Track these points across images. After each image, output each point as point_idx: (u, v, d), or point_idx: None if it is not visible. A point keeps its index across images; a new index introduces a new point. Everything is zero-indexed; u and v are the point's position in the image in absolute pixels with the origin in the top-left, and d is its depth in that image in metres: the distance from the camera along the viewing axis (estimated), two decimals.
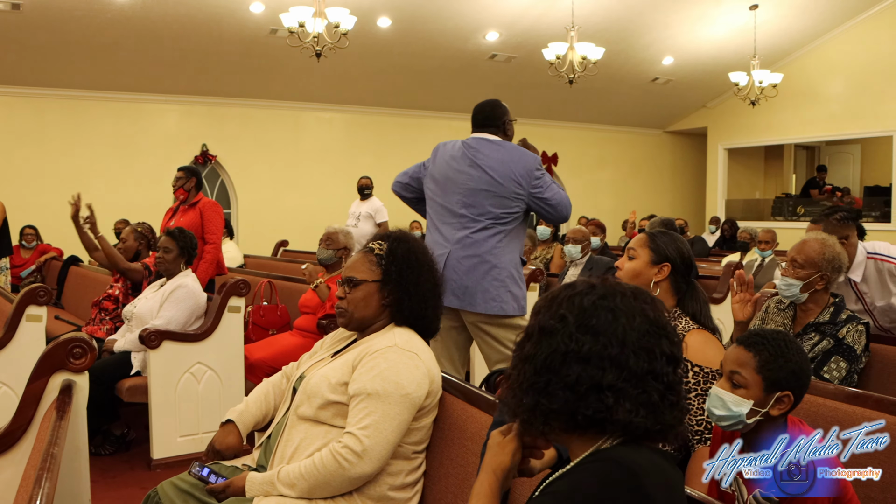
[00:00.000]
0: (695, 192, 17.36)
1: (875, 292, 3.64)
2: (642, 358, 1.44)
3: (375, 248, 2.49)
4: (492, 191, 3.81)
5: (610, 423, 1.43)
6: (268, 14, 10.08)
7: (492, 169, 3.81)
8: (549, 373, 1.46)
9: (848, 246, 3.56)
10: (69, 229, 5.90)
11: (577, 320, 1.46)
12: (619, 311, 1.47)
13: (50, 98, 11.09)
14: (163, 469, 4.42)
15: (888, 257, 3.58)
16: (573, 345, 1.44)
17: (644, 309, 1.49)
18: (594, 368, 1.42)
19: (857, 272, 3.63)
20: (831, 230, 3.53)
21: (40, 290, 4.36)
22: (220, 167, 12.59)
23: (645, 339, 1.45)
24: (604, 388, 1.42)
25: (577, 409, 1.43)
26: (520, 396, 1.50)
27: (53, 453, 1.84)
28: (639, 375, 1.43)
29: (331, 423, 2.30)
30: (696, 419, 2.34)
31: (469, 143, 3.94)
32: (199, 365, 4.65)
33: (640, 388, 1.43)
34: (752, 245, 8.43)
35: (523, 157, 3.88)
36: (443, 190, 3.94)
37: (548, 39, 10.77)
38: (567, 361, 1.44)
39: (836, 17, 13.26)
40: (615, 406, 1.41)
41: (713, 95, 15.51)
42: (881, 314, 3.69)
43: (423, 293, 2.48)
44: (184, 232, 4.89)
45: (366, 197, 9.48)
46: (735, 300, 3.20)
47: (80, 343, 2.61)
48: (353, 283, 2.45)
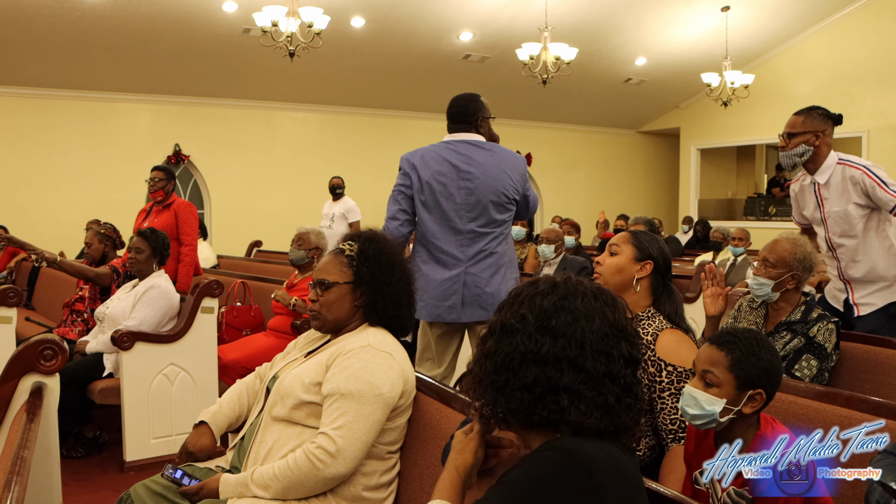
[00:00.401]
0: (668, 191, 17.49)
1: (834, 196, 3.66)
2: (600, 361, 1.46)
3: (346, 250, 2.48)
4: (494, 200, 3.77)
5: (563, 424, 1.45)
6: (240, 13, 10.03)
7: (489, 177, 3.75)
8: (507, 372, 1.48)
9: (822, 143, 3.64)
10: (41, 230, 5.85)
11: (536, 321, 1.48)
12: (579, 312, 1.49)
13: (19, 97, 10.97)
14: (136, 471, 4.38)
15: (858, 164, 3.62)
16: (532, 346, 1.46)
17: (604, 311, 1.51)
18: (552, 370, 1.44)
19: (824, 175, 3.67)
20: (811, 123, 3.63)
21: (10, 292, 4.31)
22: (193, 167, 12.51)
23: (604, 341, 1.47)
24: (560, 389, 1.44)
25: (533, 409, 1.46)
26: (480, 392, 1.53)
27: (23, 456, 1.82)
28: (596, 378, 1.45)
29: (304, 423, 2.30)
30: (671, 418, 2.36)
31: (456, 149, 3.81)
32: (172, 366, 4.61)
33: (597, 390, 1.45)
34: (725, 245, 8.53)
35: (515, 160, 3.87)
36: (441, 208, 3.78)
37: (521, 40, 10.81)
38: (525, 362, 1.46)
39: (806, 19, 13.41)
40: (569, 408, 1.44)
41: (686, 96, 15.63)
42: (834, 222, 3.69)
43: (397, 293, 2.47)
44: (156, 232, 4.86)
45: (338, 197, 9.45)
46: (706, 294, 3.22)
47: (50, 345, 2.58)
48: (324, 285, 2.44)
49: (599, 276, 2.64)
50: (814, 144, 3.63)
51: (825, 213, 3.71)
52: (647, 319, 2.55)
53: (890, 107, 12.95)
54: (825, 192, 3.69)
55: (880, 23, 12.87)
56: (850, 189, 3.59)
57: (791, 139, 3.66)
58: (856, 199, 3.59)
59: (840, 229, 3.69)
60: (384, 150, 13.63)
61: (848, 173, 3.60)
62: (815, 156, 3.65)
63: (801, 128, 3.64)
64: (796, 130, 3.65)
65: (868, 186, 3.55)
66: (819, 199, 3.72)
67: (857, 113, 12.92)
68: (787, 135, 3.68)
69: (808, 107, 3.72)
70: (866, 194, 3.57)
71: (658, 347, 2.43)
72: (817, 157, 3.66)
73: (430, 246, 3.83)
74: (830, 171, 3.66)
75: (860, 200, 3.59)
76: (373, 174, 13.20)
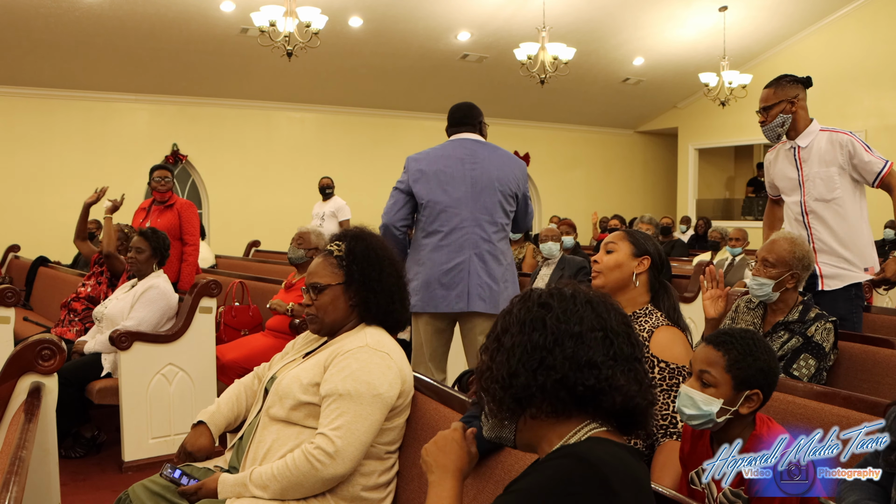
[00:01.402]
0: (666, 191, 17.49)
1: (815, 159, 3.72)
2: (625, 342, 1.48)
3: (334, 251, 2.49)
4: (497, 189, 3.95)
5: (608, 395, 1.45)
6: (238, 13, 10.02)
7: (492, 167, 3.94)
8: (542, 350, 1.46)
9: (798, 107, 3.74)
10: (38, 230, 5.86)
11: (560, 306, 1.50)
12: (596, 302, 1.51)
13: (17, 97, 10.96)
14: (134, 471, 4.38)
15: (842, 131, 3.73)
16: (563, 325, 1.47)
17: (615, 305, 1.54)
18: (587, 347, 1.45)
19: (806, 139, 3.76)
20: (783, 92, 3.72)
21: (7, 291, 4.31)
22: (191, 167, 12.51)
23: (624, 327, 1.51)
24: (598, 364, 1.44)
25: (576, 380, 1.45)
26: (507, 382, 1.48)
27: (21, 457, 1.82)
28: (626, 357, 1.47)
29: (303, 423, 2.30)
30: (661, 413, 2.36)
31: (461, 143, 4.00)
32: (170, 366, 4.61)
33: (629, 367, 1.47)
34: (723, 244, 8.52)
35: (517, 160, 4.09)
36: (448, 199, 3.95)
37: (519, 39, 10.82)
38: (560, 339, 1.46)
39: (803, 19, 13.43)
40: (612, 377, 1.44)
41: (683, 96, 15.64)
42: (813, 185, 3.73)
43: (388, 288, 2.48)
44: (157, 232, 4.86)
45: (328, 196, 9.52)
46: (706, 297, 3.24)
47: (48, 345, 2.57)
48: (317, 288, 2.44)
49: (599, 275, 2.63)
50: (790, 112, 3.72)
51: (804, 175, 3.77)
52: (645, 316, 2.55)
53: (887, 106, 12.97)
54: (805, 154, 3.77)
55: (878, 23, 12.89)
56: (838, 152, 3.68)
57: (768, 112, 3.75)
58: (841, 161, 3.68)
59: (818, 191, 3.74)
60: (382, 150, 13.63)
61: (835, 138, 3.70)
62: (795, 122, 3.76)
63: (775, 98, 3.73)
64: (770, 103, 3.74)
65: (854, 149, 3.65)
66: (798, 161, 3.78)
67: (855, 113, 12.95)
68: (763, 109, 3.77)
69: (776, 77, 3.80)
70: (851, 158, 3.66)
71: (652, 344, 2.44)
72: (797, 123, 3.76)
73: (437, 235, 3.96)
74: (812, 137, 3.75)
75: (845, 165, 3.68)
76: (371, 174, 13.21)
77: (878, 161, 3.65)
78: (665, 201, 17.41)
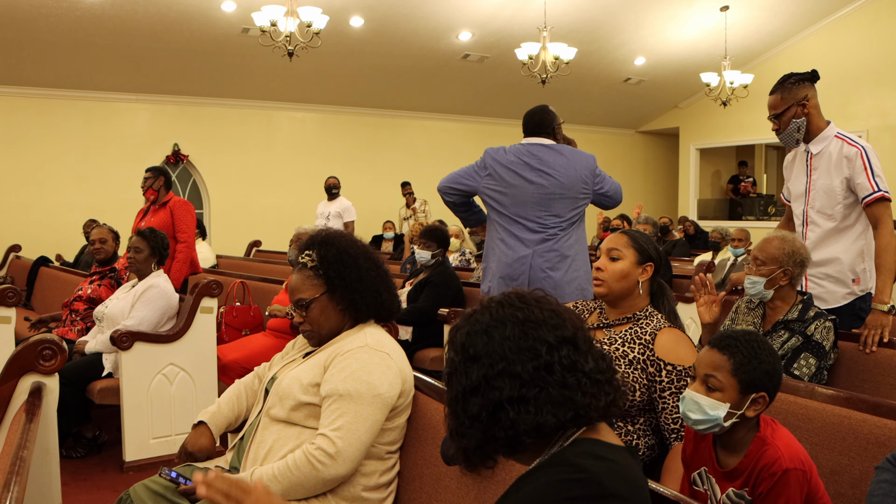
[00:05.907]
0: (667, 191, 17.49)
1: (823, 168, 3.60)
2: (526, 359, 1.45)
3: (308, 262, 2.47)
4: (562, 194, 3.99)
5: (524, 434, 1.43)
6: (239, 13, 10.03)
7: (559, 174, 3.99)
8: (462, 414, 1.48)
9: (811, 107, 3.59)
10: (39, 230, 5.85)
11: (460, 356, 1.50)
12: (490, 327, 1.49)
13: (18, 97, 10.97)
14: (135, 471, 4.38)
15: (857, 143, 3.54)
16: (465, 380, 1.47)
17: (513, 314, 1.50)
18: (489, 391, 1.44)
19: (819, 145, 3.62)
20: (791, 96, 3.58)
21: (9, 291, 4.31)
22: (192, 167, 12.51)
23: (522, 340, 1.46)
24: (504, 404, 1.43)
25: (492, 435, 1.45)
26: (462, 442, 1.51)
27: (23, 456, 1.82)
28: (531, 376, 1.44)
29: (303, 424, 2.30)
30: (672, 417, 2.36)
31: (529, 150, 4.07)
32: (171, 366, 4.61)
33: (538, 386, 1.44)
34: (724, 245, 8.52)
35: (584, 159, 4.11)
36: (512, 200, 4.04)
37: (520, 39, 10.82)
38: (465, 398, 1.46)
39: (805, 19, 13.42)
40: (519, 417, 1.42)
41: (685, 96, 15.63)
42: (816, 195, 3.62)
43: (371, 282, 2.48)
44: (155, 232, 4.86)
45: (333, 196, 9.51)
46: (700, 303, 3.23)
47: (49, 345, 2.58)
48: (304, 305, 2.44)
49: (602, 284, 2.60)
50: (803, 114, 3.58)
51: (811, 183, 3.66)
52: (646, 318, 2.55)
53: (889, 106, 12.96)
54: (816, 162, 3.64)
55: (879, 22, 12.87)
56: (845, 165, 3.53)
57: (779, 119, 3.61)
58: (846, 173, 3.53)
59: (819, 203, 3.63)
60: (383, 150, 13.63)
61: (845, 150, 3.53)
62: (809, 123, 3.60)
63: (783, 104, 3.59)
64: (780, 109, 3.60)
65: (854, 166, 3.49)
66: (809, 168, 3.68)
67: (856, 112, 12.94)
68: (774, 117, 3.63)
69: (780, 80, 3.66)
70: (851, 173, 3.50)
71: (657, 347, 2.43)
72: (811, 125, 3.61)
73: (503, 232, 4.08)
74: (826, 143, 3.61)
75: (849, 178, 3.52)
76: (372, 173, 13.21)
77: (868, 187, 3.46)
78: (666, 201, 17.40)
